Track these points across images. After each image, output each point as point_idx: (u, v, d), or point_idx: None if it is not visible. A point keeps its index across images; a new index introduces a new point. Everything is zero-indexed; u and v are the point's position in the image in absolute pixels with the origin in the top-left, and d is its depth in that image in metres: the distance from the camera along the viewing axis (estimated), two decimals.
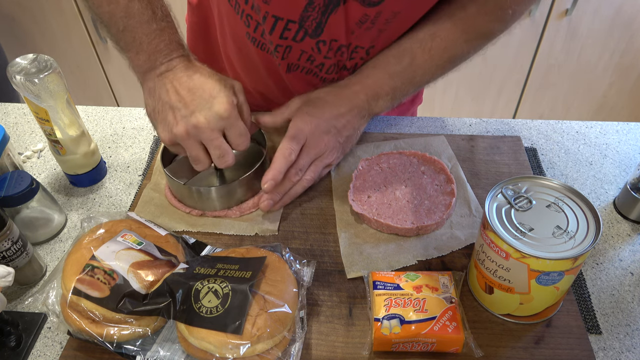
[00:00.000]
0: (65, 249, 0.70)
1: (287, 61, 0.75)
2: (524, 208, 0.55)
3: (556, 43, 1.74)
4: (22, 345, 0.58)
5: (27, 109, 0.93)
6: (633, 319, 0.60)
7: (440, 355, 0.56)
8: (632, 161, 0.79)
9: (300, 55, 0.74)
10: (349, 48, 0.72)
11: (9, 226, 0.60)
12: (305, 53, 0.73)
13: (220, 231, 0.69)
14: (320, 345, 0.57)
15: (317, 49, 0.72)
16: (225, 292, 0.53)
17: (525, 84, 1.88)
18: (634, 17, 1.66)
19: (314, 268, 0.62)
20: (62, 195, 0.78)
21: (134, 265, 0.56)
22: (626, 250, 0.67)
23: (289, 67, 0.77)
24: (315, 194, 0.74)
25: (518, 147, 0.80)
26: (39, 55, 0.68)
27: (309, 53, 0.73)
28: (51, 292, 0.58)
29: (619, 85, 1.87)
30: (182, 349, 0.54)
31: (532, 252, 0.50)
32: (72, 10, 1.76)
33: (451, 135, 0.83)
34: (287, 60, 0.75)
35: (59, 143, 0.72)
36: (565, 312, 0.60)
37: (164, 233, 0.63)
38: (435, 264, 0.65)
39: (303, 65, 0.76)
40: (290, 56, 0.74)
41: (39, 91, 0.66)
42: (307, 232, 0.69)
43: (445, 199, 0.70)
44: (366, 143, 0.81)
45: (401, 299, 0.56)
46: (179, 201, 0.73)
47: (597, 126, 0.86)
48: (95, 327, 0.54)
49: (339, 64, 0.76)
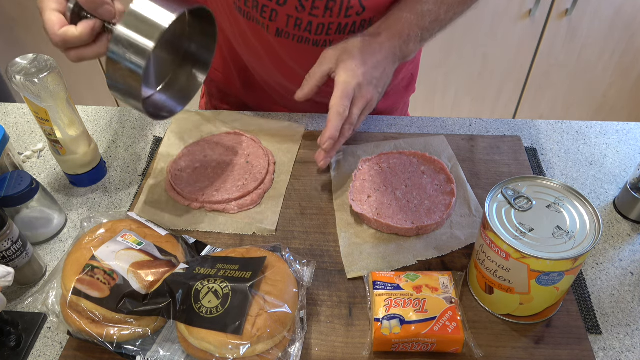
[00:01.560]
0: (65, 249, 0.70)
1: (275, 24, 0.75)
2: (524, 208, 0.55)
3: (556, 43, 1.74)
4: (22, 345, 0.58)
5: (27, 109, 0.93)
6: (633, 319, 0.60)
7: (440, 355, 0.56)
8: (632, 161, 0.79)
9: (287, 21, 0.74)
10: (338, 2, 0.71)
11: (9, 226, 0.60)
12: (291, 17, 0.73)
13: (219, 230, 0.70)
14: (320, 345, 0.57)
15: (301, 6, 0.72)
16: (225, 292, 0.53)
17: (525, 84, 1.88)
18: (634, 17, 1.66)
19: (314, 268, 0.62)
20: (62, 195, 0.77)
21: (134, 266, 0.56)
22: (626, 250, 0.67)
23: (278, 31, 0.76)
24: (315, 194, 0.74)
25: (518, 147, 0.80)
26: (39, 55, 0.68)
27: (294, 17, 0.73)
28: (51, 292, 0.58)
29: (619, 85, 1.87)
30: (182, 349, 0.54)
31: (532, 253, 0.50)
32: None
33: (451, 135, 0.83)
34: (275, 23, 0.75)
35: (59, 143, 0.72)
36: (565, 312, 0.60)
37: (164, 233, 0.63)
38: (435, 264, 0.65)
39: (292, 33, 0.76)
40: (277, 20, 0.74)
41: (39, 91, 0.66)
42: (307, 232, 0.69)
43: (445, 199, 0.70)
44: (366, 143, 0.81)
45: (401, 299, 0.56)
46: (179, 194, 0.74)
47: (597, 126, 0.86)
48: (95, 327, 0.54)
49: (331, 25, 0.74)
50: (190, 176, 0.76)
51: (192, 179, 0.75)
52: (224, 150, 0.80)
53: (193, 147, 0.80)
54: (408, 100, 1.04)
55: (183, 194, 0.73)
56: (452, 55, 1.78)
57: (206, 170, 0.77)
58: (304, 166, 0.79)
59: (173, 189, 0.74)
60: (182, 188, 0.74)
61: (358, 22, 0.75)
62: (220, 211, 0.72)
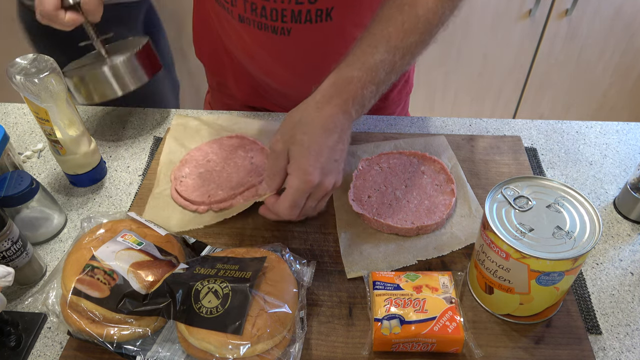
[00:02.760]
0: (65, 249, 0.70)
1: (237, 10, 0.77)
2: (524, 208, 0.55)
3: (556, 43, 1.74)
4: (22, 345, 0.58)
5: (27, 109, 0.93)
6: (633, 319, 0.60)
7: (440, 355, 0.56)
8: (632, 161, 0.79)
9: (244, 6, 0.75)
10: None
11: (9, 226, 0.60)
12: (247, 2, 0.74)
13: (225, 217, 0.71)
14: (320, 345, 0.57)
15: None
16: (225, 292, 0.53)
17: (525, 84, 1.88)
18: (634, 17, 1.66)
19: (314, 268, 0.62)
20: (62, 195, 0.77)
21: (134, 266, 0.56)
22: (626, 250, 0.67)
23: (241, 17, 0.77)
24: None
25: (518, 147, 0.80)
26: (39, 55, 0.68)
27: (250, 1, 0.74)
28: (51, 292, 0.57)
29: (619, 85, 1.87)
30: (182, 349, 0.54)
31: (532, 253, 0.50)
32: None
33: (451, 135, 0.83)
34: (236, 9, 0.77)
35: (59, 143, 0.72)
36: (565, 312, 0.60)
37: (164, 233, 0.63)
38: (435, 264, 0.65)
39: (252, 18, 0.76)
40: (237, 5, 0.76)
41: (39, 91, 0.66)
42: (307, 232, 0.69)
43: (445, 199, 0.70)
44: (366, 143, 0.81)
45: (401, 299, 0.56)
46: (185, 199, 0.74)
47: (597, 126, 0.86)
48: (95, 327, 0.54)
49: (284, 12, 0.72)
50: (196, 182, 0.76)
51: (198, 184, 0.75)
52: (227, 153, 0.80)
53: (195, 152, 0.80)
54: (408, 99, 1.03)
55: (190, 199, 0.73)
56: (452, 55, 1.78)
57: (211, 175, 0.76)
58: None
59: (180, 195, 0.74)
60: (188, 194, 0.74)
61: (313, 11, 0.72)
62: (227, 208, 0.72)
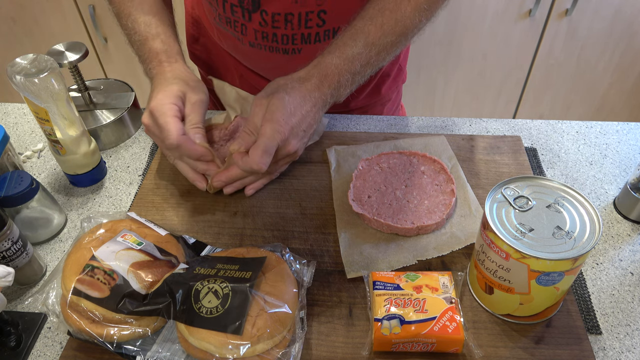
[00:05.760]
0: (65, 249, 0.70)
1: (247, 38, 0.81)
2: (524, 208, 0.55)
3: (556, 43, 1.74)
4: (22, 345, 0.58)
5: (27, 109, 0.93)
6: (633, 319, 0.60)
7: (440, 355, 0.56)
8: (632, 161, 0.79)
9: (255, 34, 0.80)
10: (296, 17, 0.76)
11: (9, 226, 0.60)
12: (257, 32, 0.79)
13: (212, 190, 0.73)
14: (320, 345, 0.57)
15: (264, 21, 0.77)
16: (225, 292, 0.53)
17: (525, 84, 1.88)
18: (634, 17, 1.66)
19: (314, 268, 0.62)
20: (62, 195, 0.78)
21: (134, 266, 0.56)
22: (626, 250, 0.67)
23: (251, 43, 0.82)
24: (315, 194, 0.74)
25: (518, 147, 0.80)
26: (39, 55, 0.68)
27: (260, 30, 0.78)
28: (51, 292, 0.58)
29: (619, 85, 1.87)
30: (182, 349, 0.54)
31: (532, 253, 0.50)
32: (72, 10, 1.75)
33: (451, 135, 0.83)
34: (247, 37, 0.81)
35: (59, 143, 0.72)
36: (565, 312, 0.60)
37: (164, 233, 0.63)
38: (435, 264, 0.65)
39: (263, 44, 0.81)
40: (248, 34, 0.80)
41: (39, 91, 0.66)
42: (307, 232, 0.69)
43: (445, 199, 0.70)
44: (366, 143, 0.81)
45: (401, 299, 0.56)
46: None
47: (597, 126, 0.86)
48: (95, 327, 0.54)
49: (294, 36, 0.78)
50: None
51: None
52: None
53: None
54: (401, 89, 1.05)
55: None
56: (452, 55, 1.78)
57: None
58: (304, 166, 0.79)
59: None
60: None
61: (322, 33, 0.79)
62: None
